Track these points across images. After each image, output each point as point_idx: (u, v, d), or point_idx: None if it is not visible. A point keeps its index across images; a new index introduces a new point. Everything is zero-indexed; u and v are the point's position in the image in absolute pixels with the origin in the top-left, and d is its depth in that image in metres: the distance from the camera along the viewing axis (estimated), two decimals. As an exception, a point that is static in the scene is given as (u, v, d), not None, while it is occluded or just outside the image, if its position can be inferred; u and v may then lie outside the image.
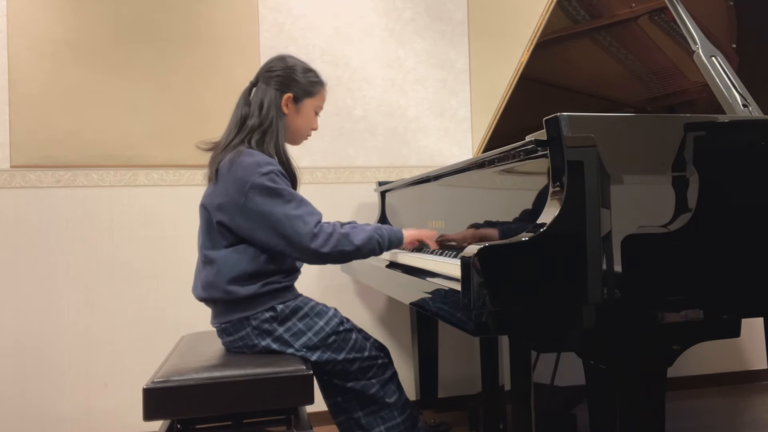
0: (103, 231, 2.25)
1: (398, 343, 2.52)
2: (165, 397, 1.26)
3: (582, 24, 1.87)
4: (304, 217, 1.38)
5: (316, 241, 1.37)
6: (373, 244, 1.44)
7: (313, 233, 1.37)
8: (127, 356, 2.25)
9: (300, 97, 1.56)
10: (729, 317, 1.14)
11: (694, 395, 2.67)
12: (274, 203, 1.38)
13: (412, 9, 2.58)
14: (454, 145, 2.62)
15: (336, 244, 1.39)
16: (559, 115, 1.04)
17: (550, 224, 1.00)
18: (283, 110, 1.53)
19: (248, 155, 1.42)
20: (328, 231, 1.39)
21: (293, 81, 1.54)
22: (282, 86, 1.53)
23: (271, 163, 1.43)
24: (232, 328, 1.45)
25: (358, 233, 1.42)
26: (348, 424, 1.52)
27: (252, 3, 2.40)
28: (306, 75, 1.57)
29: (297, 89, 1.55)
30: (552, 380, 1.66)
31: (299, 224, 1.37)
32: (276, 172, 1.41)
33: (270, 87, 1.53)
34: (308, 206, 1.42)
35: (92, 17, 2.25)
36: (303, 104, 1.57)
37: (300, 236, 1.36)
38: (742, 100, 1.32)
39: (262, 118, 1.50)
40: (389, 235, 1.48)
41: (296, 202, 1.40)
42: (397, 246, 1.52)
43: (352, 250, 1.41)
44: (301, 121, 1.58)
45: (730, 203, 1.12)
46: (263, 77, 1.55)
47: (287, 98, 1.53)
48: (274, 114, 1.51)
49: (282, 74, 1.54)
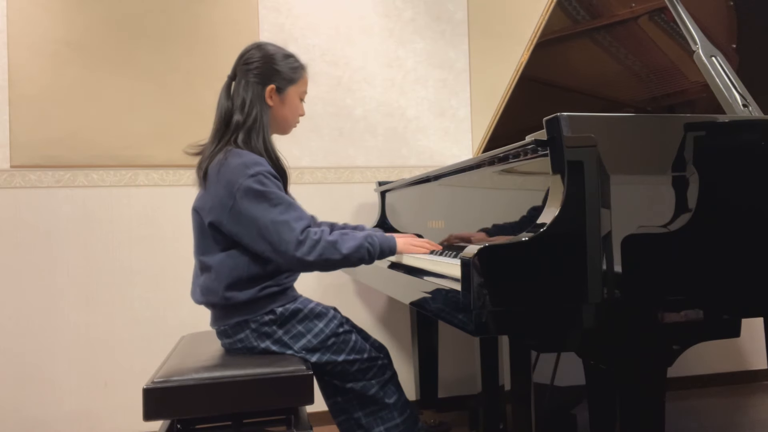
0: (103, 231, 2.25)
1: (398, 343, 2.52)
2: (165, 397, 1.26)
3: (582, 24, 1.87)
4: (291, 223, 1.33)
5: (301, 249, 1.32)
6: (362, 253, 1.37)
7: (298, 240, 1.32)
8: (127, 356, 2.25)
9: (283, 87, 1.50)
10: (729, 317, 1.14)
11: (694, 395, 2.67)
12: (260, 207, 1.33)
13: (412, 9, 2.58)
14: (454, 145, 2.62)
15: (322, 252, 1.33)
16: (559, 115, 1.04)
17: (550, 224, 1.00)
18: (267, 103, 1.48)
19: (236, 156, 1.38)
20: (314, 238, 1.33)
21: (274, 71, 1.48)
22: (263, 78, 1.47)
23: (259, 163, 1.38)
24: (231, 330, 1.45)
25: (346, 241, 1.36)
26: (348, 424, 1.52)
27: (252, 3, 2.40)
28: (286, 62, 1.51)
29: (279, 79, 1.49)
30: (552, 380, 1.66)
31: (285, 230, 1.32)
32: (264, 173, 1.37)
33: (250, 80, 1.47)
34: (296, 210, 1.37)
35: (92, 17, 2.25)
36: (287, 93, 1.51)
37: (285, 243, 1.32)
38: (742, 100, 1.32)
39: (246, 115, 1.45)
40: (381, 244, 1.41)
41: (284, 206, 1.35)
42: (390, 255, 1.46)
43: (338, 259, 1.35)
44: (288, 110, 1.53)
45: (730, 203, 1.12)
46: (241, 70, 1.48)
47: (270, 90, 1.48)
48: (259, 109, 1.46)
49: (261, 65, 1.47)
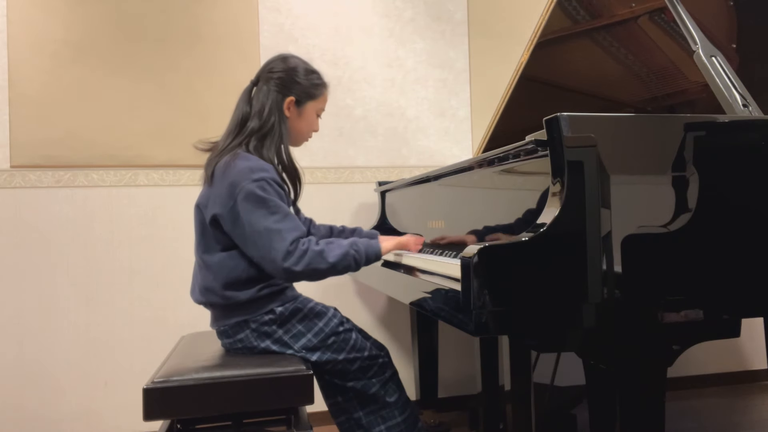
0: (103, 231, 2.25)
1: (398, 343, 2.52)
2: (165, 397, 1.26)
3: (582, 24, 1.87)
4: (283, 233, 1.33)
5: (289, 260, 1.32)
6: (348, 261, 1.38)
7: (287, 251, 1.32)
8: (127, 356, 2.25)
9: (302, 101, 1.52)
10: (729, 317, 1.14)
11: (694, 395, 2.66)
12: (257, 213, 1.34)
13: (412, 9, 2.58)
14: (454, 145, 2.62)
15: (309, 262, 1.33)
16: (559, 115, 1.04)
17: (550, 224, 1.00)
18: (285, 113, 1.50)
19: (244, 159, 1.40)
20: (302, 248, 1.34)
21: (295, 83, 1.50)
22: (284, 89, 1.49)
23: (264, 169, 1.39)
24: (231, 330, 1.45)
25: (333, 249, 1.37)
26: (348, 423, 1.52)
27: (252, 3, 2.40)
28: (308, 77, 1.53)
29: (299, 92, 1.51)
30: (552, 380, 1.66)
31: (276, 239, 1.33)
32: (268, 179, 1.37)
33: (271, 89, 1.49)
34: (291, 221, 1.37)
35: (92, 17, 2.25)
36: (305, 107, 1.53)
37: (275, 252, 1.32)
38: (742, 100, 1.32)
39: (263, 122, 1.47)
40: (366, 250, 1.42)
41: (280, 215, 1.36)
42: (376, 260, 1.45)
43: (326, 267, 1.36)
44: (303, 124, 1.55)
45: (729, 203, 1.12)
46: (264, 77, 1.51)
47: (289, 101, 1.50)
48: (276, 118, 1.48)
49: (284, 76, 1.50)
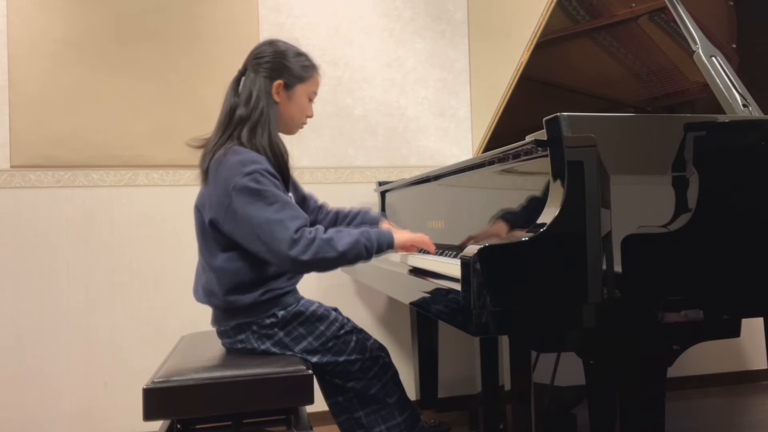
0: (103, 231, 2.25)
1: (398, 343, 2.52)
2: (165, 397, 1.26)
3: (582, 24, 1.87)
4: (285, 222, 1.29)
5: (295, 248, 1.27)
6: (359, 249, 1.32)
7: (292, 239, 1.27)
8: (127, 356, 2.25)
9: (292, 84, 1.46)
10: (729, 317, 1.14)
11: (694, 395, 2.66)
12: (255, 206, 1.30)
13: (412, 9, 2.58)
14: (454, 145, 2.62)
15: (317, 251, 1.28)
16: (559, 115, 1.04)
17: (550, 224, 1.00)
18: (274, 98, 1.45)
19: (234, 153, 1.36)
20: (309, 237, 1.28)
21: (284, 67, 1.45)
22: (272, 73, 1.44)
23: (256, 161, 1.34)
24: (232, 331, 1.44)
25: (342, 237, 1.31)
26: (349, 423, 1.52)
27: (252, 3, 2.40)
28: (298, 59, 1.48)
29: (288, 75, 1.46)
30: (552, 380, 1.66)
31: (279, 229, 1.28)
32: (261, 171, 1.33)
33: (259, 75, 1.44)
34: (292, 210, 1.33)
35: (92, 17, 2.25)
36: (295, 90, 1.47)
37: (279, 242, 1.27)
38: (742, 100, 1.32)
39: (251, 109, 1.42)
40: (378, 239, 1.36)
41: (279, 205, 1.31)
42: (388, 250, 1.40)
43: (335, 256, 1.29)
44: (294, 108, 1.49)
45: (729, 203, 1.12)
46: (252, 65, 1.46)
47: (278, 85, 1.44)
48: (265, 103, 1.42)
49: (272, 60, 1.45)
